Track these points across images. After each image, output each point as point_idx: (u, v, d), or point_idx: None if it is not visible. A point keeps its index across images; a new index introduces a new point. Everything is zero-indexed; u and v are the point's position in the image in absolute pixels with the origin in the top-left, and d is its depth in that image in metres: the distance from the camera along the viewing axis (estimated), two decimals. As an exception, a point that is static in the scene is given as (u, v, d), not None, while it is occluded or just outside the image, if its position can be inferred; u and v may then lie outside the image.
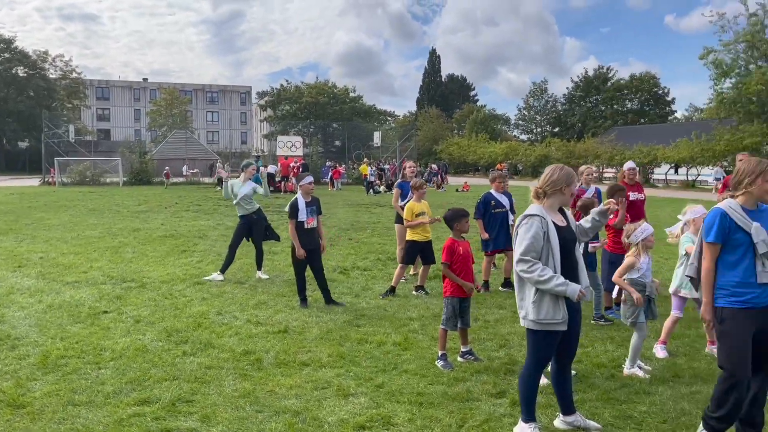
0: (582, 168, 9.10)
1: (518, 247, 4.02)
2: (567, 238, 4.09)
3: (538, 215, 4.02)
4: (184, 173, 43.64)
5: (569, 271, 4.06)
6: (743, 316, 3.80)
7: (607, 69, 76.58)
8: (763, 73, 35.01)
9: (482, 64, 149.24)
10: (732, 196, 4.00)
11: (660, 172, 45.63)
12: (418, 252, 8.53)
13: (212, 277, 9.34)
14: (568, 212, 4.35)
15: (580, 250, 4.27)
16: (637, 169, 8.80)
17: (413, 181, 9.03)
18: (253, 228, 9.73)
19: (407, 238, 8.55)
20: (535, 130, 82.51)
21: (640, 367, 5.51)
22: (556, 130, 77.29)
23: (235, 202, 9.74)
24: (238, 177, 10.02)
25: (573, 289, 3.89)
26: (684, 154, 40.64)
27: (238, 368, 5.52)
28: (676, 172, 44.64)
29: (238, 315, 7.36)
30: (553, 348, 4.10)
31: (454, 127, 79.81)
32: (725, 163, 37.32)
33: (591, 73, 77.16)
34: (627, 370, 5.44)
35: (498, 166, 44.19)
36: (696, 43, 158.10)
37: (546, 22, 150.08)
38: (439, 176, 45.04)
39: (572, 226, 4.24)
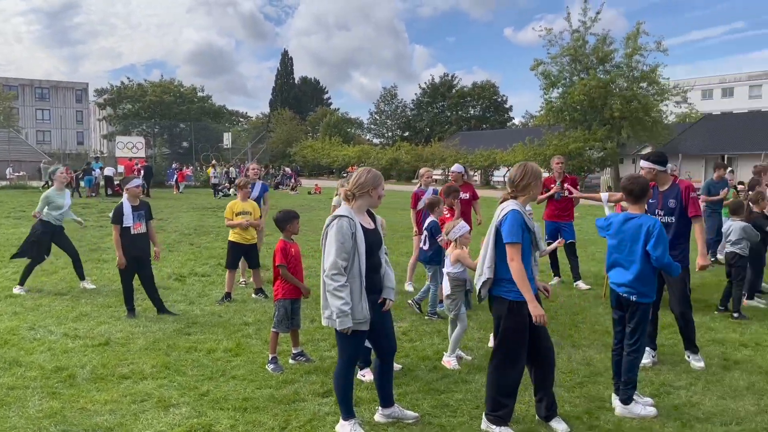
0: (422, 170, 9.51)
1: (329, 247, 4.08)
2: (372, 240, 4.24)
3: (347, 216, 4.12)
4: (8, 176, 39.56)
5: (372, 273, 4.22)
6: (526, 309, 4.20)
7: (452, 77, 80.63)
8: (584, 85, 38.65)
9: (336, 67, 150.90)
10: (514, 197, 4.37)
11: (499, 174, 48.89)
12: (241, 254, 8.38)
13: (18, 290, 8.54)
14: (379, 218, 4.51)
15: (384, 252, 4.43)
16: (463, 171, 9.34)
17: (238, 180, 9.00)
18: (56, 238, 8.99)
19: (228, 238, 8.39)
20: (386, 134, 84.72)
21: (460, 357, 5.85)
22: (406, 134, 79.94)
23: (58, 214, 8.90)
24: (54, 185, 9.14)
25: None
26: (519, 157, 43.72)
27: (47, 386, 5.08)
28: (513, 174, 48.13)
29: (54, 329, 6.77)
30: (360, 346, 4.27)
31: (308, 130, 79.72)
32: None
33: (437, 80, 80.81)
34: (445, 357, 5.74)
35: (349, 168, 44.85)
36: (531, 55, 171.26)
37: (396, 29, 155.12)
38: (292, 179, 44.82)
39: (378, 229, 4.40)
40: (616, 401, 4.72)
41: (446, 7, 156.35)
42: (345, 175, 39.54)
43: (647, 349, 5.75)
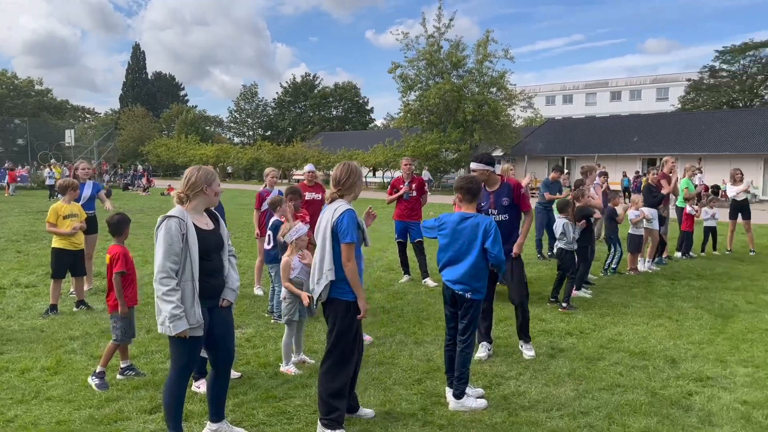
0: (267, 170, 9.27)
1: (157, 250, 3.81)
2: (209, 242, 4.01)
3: (177, 217, 3.86)
4: None
5: (213, 275, 4.00)
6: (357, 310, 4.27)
7: (314, 77, 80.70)
8: (439, 88, 40.26)
9: (193, 64, 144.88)
10: (340, 196, 4.36)
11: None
12: (68, 262, 7.67)
13: None
14: (221, 221, 4.27)
15: (227, 254, 4.21)
16: (314, 170, 9.26)
17: (61, 180, 8.29)
18: None
19: (53, 245, 7.67)
20: (247, 133, 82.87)
21: (304, 361, 5.73)
22: (268, 133, 78.71)
23: None
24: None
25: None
26: (380, 158, 44.69)
27: None
28: (374, 174, 48.95)
29: None
30: (194, 354, 4.00)
31: (162, 128, 75.86)
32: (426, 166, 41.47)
33: (299, 79, 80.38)
34: (282, 367, 5.59)
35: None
36: (392, 58, 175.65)
37: (258, 27, 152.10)
38: (144, 179, 42.41)
39: (220, 230, 4.17)
40: (449, 396, 4.84)
41: (308, 6, 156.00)
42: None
43: (483, 343, 6.00)
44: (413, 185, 9.69)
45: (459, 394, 4.77)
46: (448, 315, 5.00)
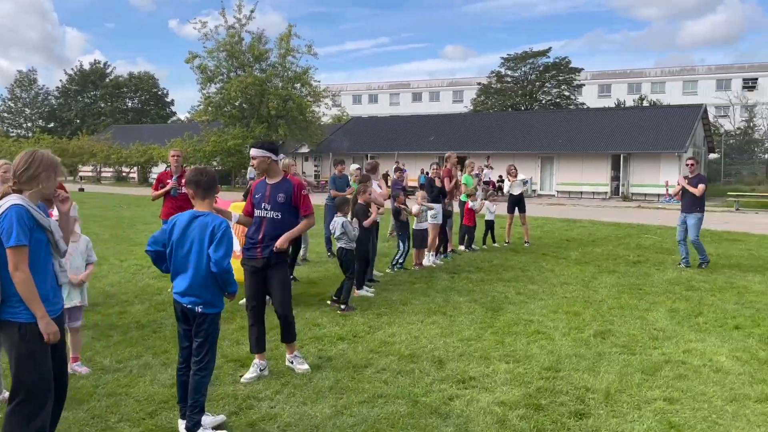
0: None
1: None
2: None
3: None
4: None
5: None
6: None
7: (105, 64, 73.81)
8: (240, 81, 38.79)
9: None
10: (18, 191, 3.37)
11: (157, 171, 46.21)
12: None
13: None
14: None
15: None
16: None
17: None
18: None
19: None
20: (25, 125, 73.47)
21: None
22: (51, 125, 70.47)
23: None
24: None
25: None
26: (178, 153, 41.96)
27: None
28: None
29: None
30: None
31: None
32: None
33: (87, 66, 73.03)
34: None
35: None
36: (197, 50, 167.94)
37: (43, 7, 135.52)
38: None
39: None
40: (181, 429, 4.05)
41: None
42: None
43: (256, 361, 5.26)
44: (182, 180, 8.68)
45: (192, 426, 4.01)
46: (180, 333, 4.20)
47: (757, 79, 63.15)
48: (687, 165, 11.18)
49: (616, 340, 6.33)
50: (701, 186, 10.77)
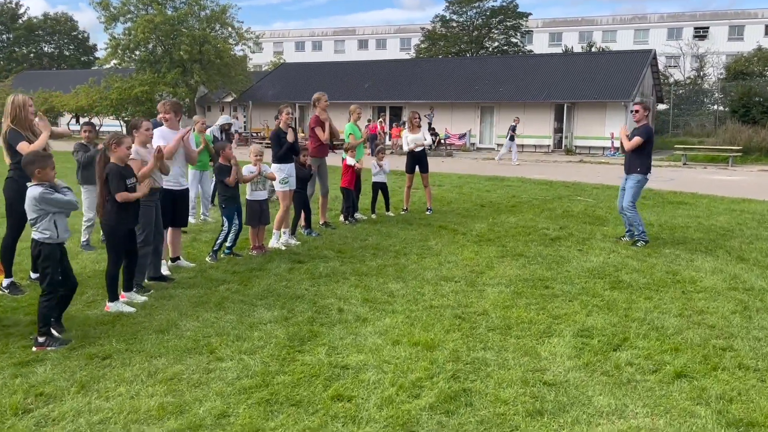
0: None
1: None
2: None
3: None
4: None
5: None
6: None
7: (17, 4, 66.71)
8: (149, 21, 34.37)
9: None
10: None
11: (63, 123, 41.49)
12: None
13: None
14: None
15: None
16: None
17: None
18: None
19: None
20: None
21: None
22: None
23: None
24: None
25: None
26: (83, 102, 37.54)
27: None
28: (77, 122, 41.27)
29: None
30: None
31: None
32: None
33: (-4, 6, 66.03)
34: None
35: None
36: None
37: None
38: None
39: None
40: None
41: None
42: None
43: None
44: None
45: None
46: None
47: (708, 27, 61.27)
48: (632, 112, 8.41)
49: (465, 416, 3.54)
50: (636, 139, 8.05)
